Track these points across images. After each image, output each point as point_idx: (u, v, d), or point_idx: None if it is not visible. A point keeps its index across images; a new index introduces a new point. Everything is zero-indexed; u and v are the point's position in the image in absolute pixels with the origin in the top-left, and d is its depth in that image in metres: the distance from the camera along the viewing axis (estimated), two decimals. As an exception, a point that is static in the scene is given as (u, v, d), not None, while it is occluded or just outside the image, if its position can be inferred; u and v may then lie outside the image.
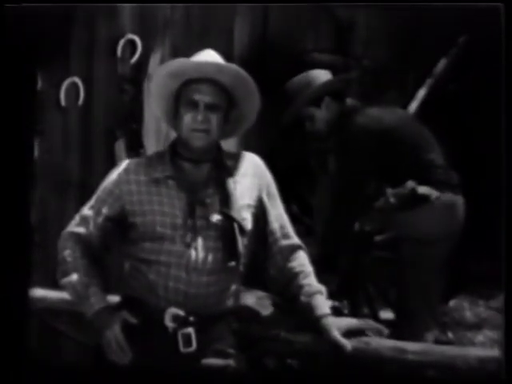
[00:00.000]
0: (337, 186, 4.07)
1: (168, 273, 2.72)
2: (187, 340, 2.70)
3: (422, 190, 3.87)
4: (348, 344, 2.74)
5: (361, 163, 3.92)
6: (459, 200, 3.97)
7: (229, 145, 2.97)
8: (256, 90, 2.84)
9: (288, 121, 4.12)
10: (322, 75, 4.10)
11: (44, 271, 3.35)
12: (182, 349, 2.70)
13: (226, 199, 2.77)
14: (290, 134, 4.67)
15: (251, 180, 2.87)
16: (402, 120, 4.09)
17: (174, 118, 2.86)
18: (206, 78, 2.78)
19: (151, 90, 2.90)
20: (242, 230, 2.77)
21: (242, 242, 2.76)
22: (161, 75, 2.84)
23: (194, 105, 2.77)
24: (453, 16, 4.30)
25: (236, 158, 2.89)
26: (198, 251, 2.73)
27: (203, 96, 2.77)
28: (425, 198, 3.86)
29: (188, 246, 2.73)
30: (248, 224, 2.81)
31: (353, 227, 4.10)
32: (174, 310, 2.71)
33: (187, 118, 2.78)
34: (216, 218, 2.76)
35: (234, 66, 2.81)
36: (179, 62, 2.81)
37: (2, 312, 2.94)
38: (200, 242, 2.73)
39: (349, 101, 4.10)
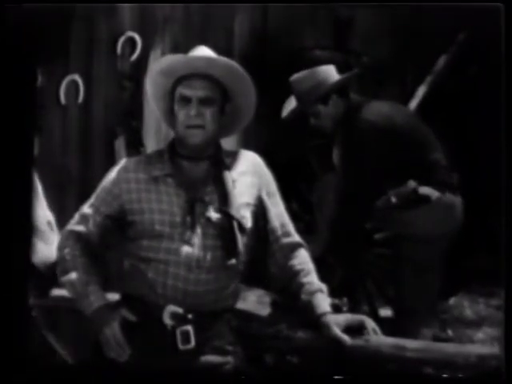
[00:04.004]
0: (343, 185, 4.06)
1: (167, 271, 2.71)
2: (186, 337, 2.69)
3: (424, 190, 3.88)
4: (348, 339, 2.73)
5: (369, 160, 3.91)
6: (458, 201, 3.97)
7: (228, 142, 2.97)
8: (251, 83, 2.80)
9: (291, 118, 4.11)
10: (329, 72, 4.07)
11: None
12: (180, 346, 2.70)
13: (224, 197, 2.76)
14: (290, 130, 4.67)
15: (251, 179, 2.86)
16: (410, 118, 4.09)
17: (171, 116, 2.84)
18: (197, 73, 2.75)
19: (147, 89, 2.88)
20: (241, 227, 2.76)
21: (241, 240, 2.75)
22: (153, 74, 2.83)
23: (186, 101, 2.75)
24: (453, 15, 4.30)
25: (235, 156, 2.88)
26: (197, 249, 2.72)
27: (195, 91, 2.75)
28: (426, 199, 3.87)
29: (187, 243, 2.72)
30: (247, 222, 2.80)
31: (360, 227, 4.10)
32: (172, 308, 2.70)
33: (181, 115, 2.76)
34: (215, 215, 2.75)
35: (224, 59, 2.78)
36: (169, 59, 2.80)
37: (3, 310, 2.93)
38: (199, 239, 2.72)
39: (353, 96, 4.09)
